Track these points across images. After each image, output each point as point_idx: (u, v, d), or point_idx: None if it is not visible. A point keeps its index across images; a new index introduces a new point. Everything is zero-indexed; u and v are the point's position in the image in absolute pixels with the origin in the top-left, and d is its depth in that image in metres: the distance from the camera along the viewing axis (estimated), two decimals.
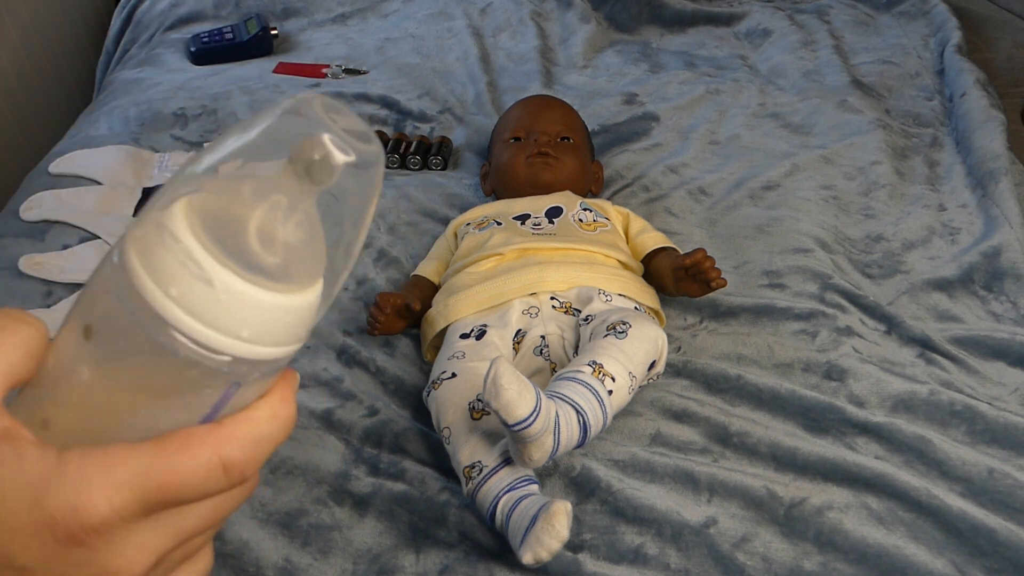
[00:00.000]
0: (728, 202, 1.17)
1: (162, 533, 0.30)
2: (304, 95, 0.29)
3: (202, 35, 1.49)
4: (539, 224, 0.99)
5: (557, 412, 0.73)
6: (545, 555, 0.69)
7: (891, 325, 0.97)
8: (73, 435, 0.29)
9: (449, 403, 0.81)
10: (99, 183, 1.17)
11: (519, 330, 0.89)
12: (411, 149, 1.25)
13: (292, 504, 0.79)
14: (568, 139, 1.11)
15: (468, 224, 1.03)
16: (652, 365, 0.84)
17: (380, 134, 1.26)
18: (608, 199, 1.16)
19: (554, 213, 1.01)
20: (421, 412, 0.87)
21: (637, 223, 1.04)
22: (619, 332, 0.81)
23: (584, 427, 0.75)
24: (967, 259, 1.05)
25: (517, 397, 0.68)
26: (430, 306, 0.95)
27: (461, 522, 0.77)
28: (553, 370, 0.87)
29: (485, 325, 0.89)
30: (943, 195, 1.19)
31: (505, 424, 0.69)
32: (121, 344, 0.28)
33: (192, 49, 1.47)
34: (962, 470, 0.80)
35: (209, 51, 1.47)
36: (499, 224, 1.00)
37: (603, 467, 0.80)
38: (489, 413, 0.78)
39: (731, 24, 1.62)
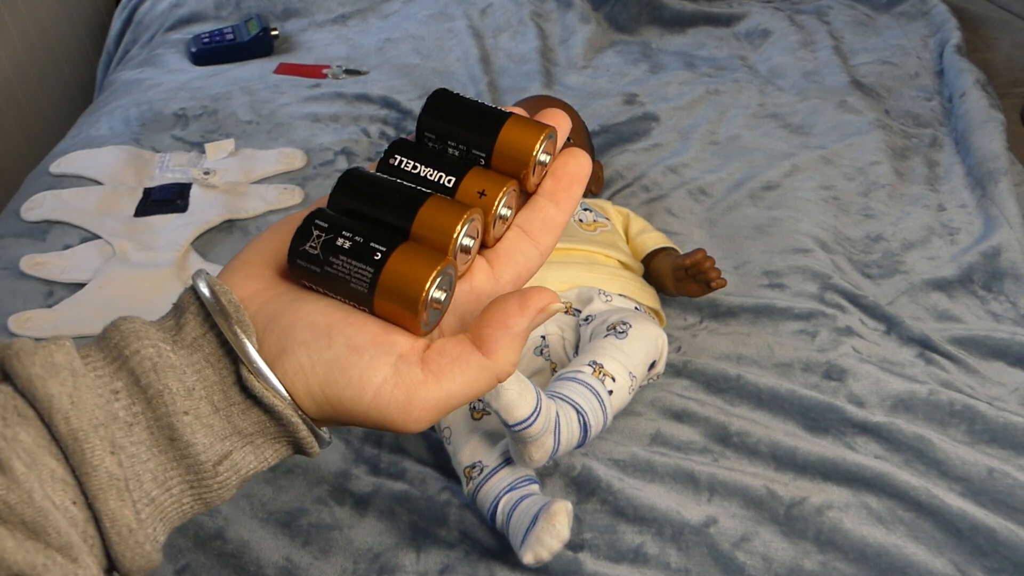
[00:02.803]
0: (728, 202, 1.17)
1: None
2: None
3: (203, 36, 1.49)
4: None
5: (557, 412, 0.73)
6: (546, 555, 0.69)
7: (891, 325, 0.97)
8: None
9: None
10: (100, 183, 1.18)
11: None
12: None
13: (292, 503, 0.79)
14: (568, 139, 1.11)
15: None
16: (652, 365, 0.84)
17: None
18: (608, 199, 1.16)
19: None
20: None
21: (637, 223, 1.04)
22: (619, 332, 0.81)
23: (584, 427, 0.75)
24: (966, 259, 1.05)
25: (517, 397, 0.68)
26: None
27: (462, 522, 0.77)
28: (553, 370, 0.87)
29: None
30: (942, 195, 1.19)
31: (505, 424, 0.69)
32: None
33: (193, 50, 1.47)
34: (962, 470, 0.80)
35: (210, 52, 1.47)
36: None
37: (603, 467, 0.81)
38: (489, 413, 0.78)
39: (731, 24, 1.62)
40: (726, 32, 1.60)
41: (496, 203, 0.33)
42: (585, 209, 1.02)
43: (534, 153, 0.34)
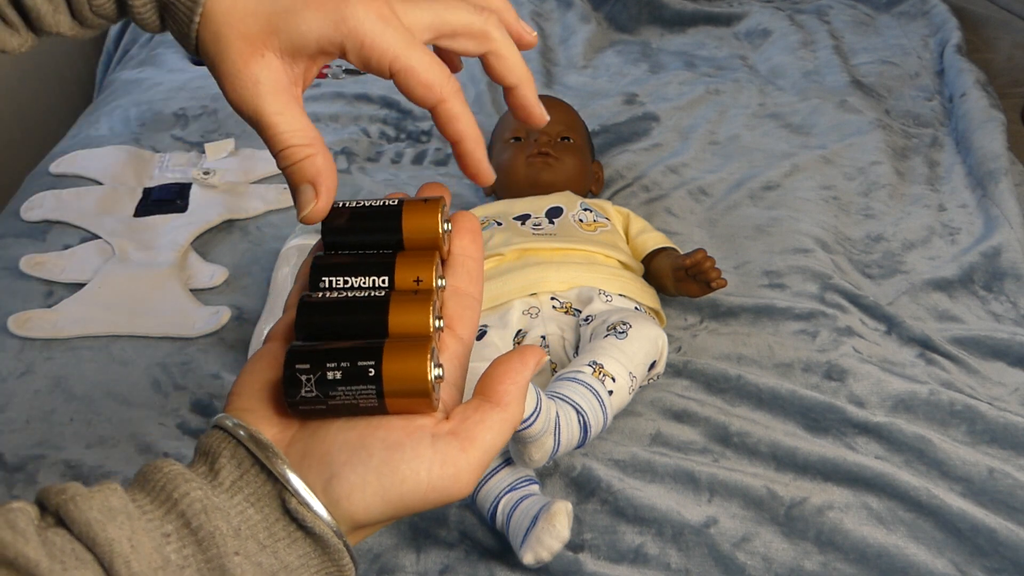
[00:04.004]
0: (728, 202, 1.17)
1: None
2: None
3: None
4: (539, 224, 0.99)
5: (557, 412, 0.73)
6: (546, 555, 0.69)
7: (891, 325, 0.97)
8: None
9: None
10: (100, 183, 1.18)
11: (519, 330, 0.89)
12: None
13: None
14: (568, 139, 1.11)
15: None
16: (652, 365, 0.84)
17: None
18: (608, 199, 1.16)
19: (554, 213, 1.01)
20: None
21: (637, 223, 1.04)
22: (619, 332, 0.81)
23: (584, 427, 0.75)
24: (967, 259, 1.05)
25: None
26: None
27: (462, 522, 0.77)
28: (553, 370, 0.87)
29: (485, 325, 0.89)
30: (943, 195, 1.19)
31: None
32: None
33: None
34: (962, 470, 0.80)
35: None
36: (499, 224, 1.00)
37: (603, 467, 0.80)
38: None
39: (731, 24, 1.62)
40: (726, 32, 1.60)
41: (434, 282, 0.37)
42: (585, 209, 1.02)
43: (439, 231, 0.38)
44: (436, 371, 0.34)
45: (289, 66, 0.37)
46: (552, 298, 0.91)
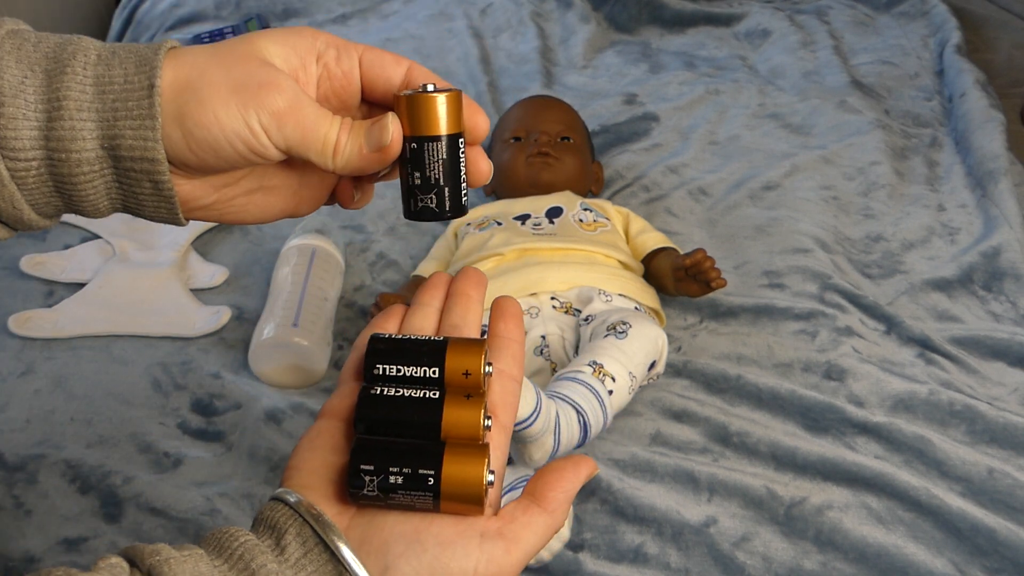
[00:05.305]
0: (728, 202, 1.17)
1: None
2: None
3: (203, 35, 1.49)
4: (539, 224, 0.99)
5: (557, 412, 0.73)
6: (546, 555, 0.69)
7: (891, 325, 0.97)
8: None
9: None
10: None
11: None
12: None
13: None
14: (568, 139, 1.11)
15: (468, 224, 1.04)
16: (652, 365, 0.84)
17: None
18: (608, 199, 1.16)
19: (554, 213, 1.01)
20: None
21: (637, 223, 1.04)
22: (619, 332, 0.81)
23: (584, 427, 0.75)
24: (966, 259, 1.05)
25: None
26: None
27: None
28: (553, 370, 0.87)
29: (485, 325, 0.89)
30: (942, 195, 1.19)
31: None
32: None
33: None
34: (962, 470, 0.80)
35: None
36: (499, 224, 1.00)
37: (603, 466, 0.81)
38: None
39: (731, 24, 1.62)
40: (726, 32, 1.61)
41: (482, 373, 0.39)
42: (585, 209, 1.02)
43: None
44: (489, 477, 0.37)
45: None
46: (552, 298, 0.91)
